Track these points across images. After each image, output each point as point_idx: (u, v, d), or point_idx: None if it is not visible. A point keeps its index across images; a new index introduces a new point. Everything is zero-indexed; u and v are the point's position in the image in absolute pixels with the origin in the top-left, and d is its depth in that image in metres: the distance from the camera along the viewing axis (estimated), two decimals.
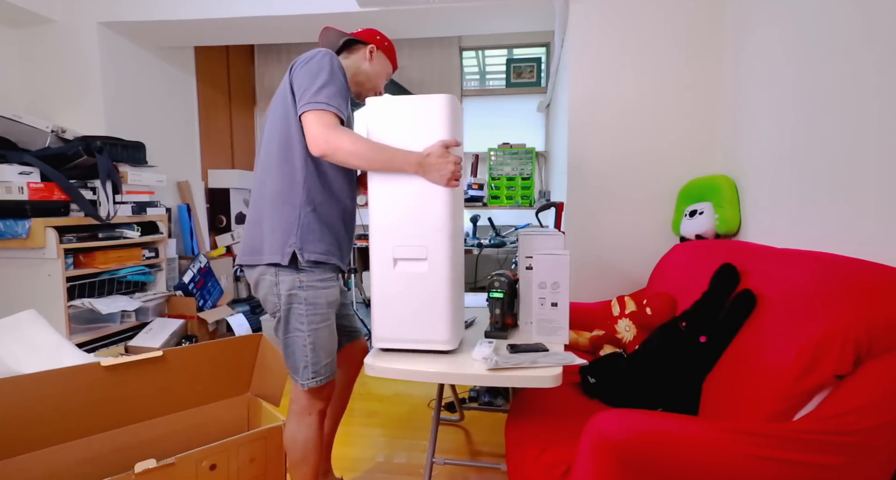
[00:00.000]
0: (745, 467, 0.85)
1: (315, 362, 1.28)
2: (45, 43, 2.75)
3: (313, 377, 1.28)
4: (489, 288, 1.43)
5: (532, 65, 3.63)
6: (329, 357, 1.31)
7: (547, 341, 1.35)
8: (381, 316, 1.28)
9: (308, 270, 1.25)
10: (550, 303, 1.37)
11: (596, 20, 2.16)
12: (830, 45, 1.34)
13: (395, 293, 1.27)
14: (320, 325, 1.27)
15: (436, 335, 1.26)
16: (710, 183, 1.96)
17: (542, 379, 1.14)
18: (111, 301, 2.42)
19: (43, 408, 1.20)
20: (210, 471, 1.30)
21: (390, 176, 1.24)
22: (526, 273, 1.49)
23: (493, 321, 1.45)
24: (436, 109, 1.21)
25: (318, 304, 1.26)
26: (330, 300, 1.29)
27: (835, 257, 1.15)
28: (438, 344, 1.26)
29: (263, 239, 1.27)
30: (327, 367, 1.30)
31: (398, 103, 1.25)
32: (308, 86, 1.20)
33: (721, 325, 1.26)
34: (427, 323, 1.26)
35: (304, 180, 1.25)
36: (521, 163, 3.28)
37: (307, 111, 1.19)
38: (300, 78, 1.22)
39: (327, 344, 1.30)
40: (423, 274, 1.25)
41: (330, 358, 1.31)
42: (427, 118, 1.21)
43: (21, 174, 2.11)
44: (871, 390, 0.86)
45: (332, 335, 1.31)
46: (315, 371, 1.28)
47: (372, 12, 2.62)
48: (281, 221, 1.25)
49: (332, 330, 1.31)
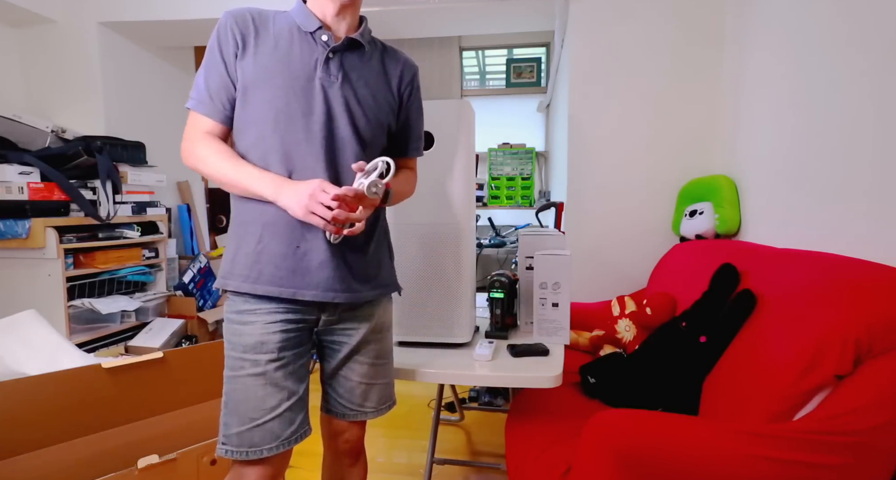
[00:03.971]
0: (746, 467, 0.85)
1: (225, 422, 0.94)
2: (45, 43, 2.75)
3: (222, 443, 0.94)
4: (489, 288, 1.42)
5: (532, 65, 3.62)
6: (242, 425, 0.92)
7: (548, 341, 1.35)
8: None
9: (231, 295, 0.99)
10: (551, 303, 1.37)
11: (596, 20, 2.16)
12: (830, 45, 1.34)
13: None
14: (233, 374, 0.94)
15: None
16: (710, 183, 1.96)
17: (542, 380, 1.14)
18: (111, 301, 2.42)
19: (44, 409, 1.20)
20: (211, 466, 1.33)
21: None
22: (526, 273, 1.49)
23: (493, 321, 1.44)
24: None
25: (234, 344, 0.95)
26: (248, 343, 0.94)
27: (835, 257, 1.15)
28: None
29: None
30: (241, 439, 0.92)
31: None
32: None
33: (721, 325, 1.26)
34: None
35: None
36: (521, 163, 3.28)
37: None
38: None
39: (242, 404, 0.93)
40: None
41: (243, 427, 0.92)
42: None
43: (21, 174, 2.11)
44: (871, 390, 0.86)
45: (249, 393, 0.93)
46: (225, 435, 0.94)
47: (372, 12, 2.62)
48: None
49: (251, 387, 0.93)
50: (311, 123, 0.95)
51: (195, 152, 0.96)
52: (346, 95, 0.98)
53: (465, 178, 1.29)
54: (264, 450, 0.93)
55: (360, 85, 1.00)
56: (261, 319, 0.95)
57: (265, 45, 0.96)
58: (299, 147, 0.95)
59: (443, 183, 1.26)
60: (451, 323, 1.30)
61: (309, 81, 0.96)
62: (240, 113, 0.97)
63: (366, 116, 1.00)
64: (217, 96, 0.96)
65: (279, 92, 0.94)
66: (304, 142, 0.95)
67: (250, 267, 0.95)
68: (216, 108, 0.97)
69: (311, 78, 0.96)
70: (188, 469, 1.27)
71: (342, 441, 1.10)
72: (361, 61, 1.02)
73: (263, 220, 0.95)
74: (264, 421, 0.93)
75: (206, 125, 0.97)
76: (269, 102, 0.94)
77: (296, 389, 0.97)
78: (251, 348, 0.94)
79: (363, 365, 1.06)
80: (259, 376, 0.93)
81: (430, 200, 1.28)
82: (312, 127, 0.95)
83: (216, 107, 0.97)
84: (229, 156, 0.95)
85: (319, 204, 0.87)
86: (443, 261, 1.28)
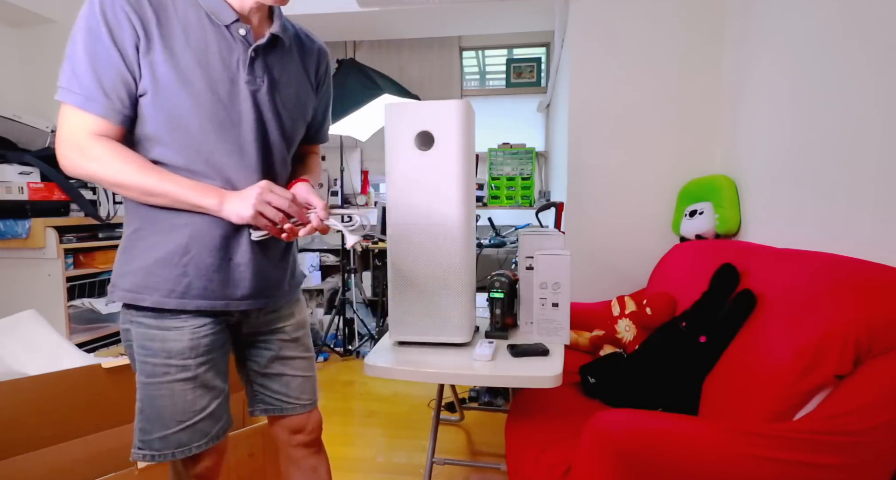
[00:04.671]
0: (745, 467, 0.85)
1: (142, 428, 0.90)
2: (45, 43, 2.75)
3: (139, 449, 0.90)
4: (489, 289, 1.42)
5: (532, 65, 3.62)
6: (166, 429, 0.89)
7: (548, 341, 1.35)
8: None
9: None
10: (551, 304, 1.37)
11: (596, 20, 2.16)
12: (830, 44, 1.34)
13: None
14: (153, 380, 0.89)
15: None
16: (710, 183, 1.96)
17: (542, 380, 1.14)
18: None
19: (44, 409, 1.20)
20: None
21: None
22: (526, 273, 1.48)
23: (493, 321, 1.45)
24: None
25: (152, 350, 0.88)
26: (175, 348, 0.88)
27: (835, 257, 1.15)
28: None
29: None
30: (165, 442, 0.89)
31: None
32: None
33: (721, 325, 1.26)
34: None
35: None
36: (521, 163, 3.28)
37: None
38: None
39: (167, 409, 0.89)
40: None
41: (168, 431, 0.89)
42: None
43: (21, 174, 2.11)
44: (871, 390, 0.86)
45: (177, 397, 0.89)
46: (143, 440, 0.90)
47: (372, 12, 2.62)
48: None
49: (179, 391, 0.89)
50: (243, 133, 0.88)
51: (90, 159, 0.79)
52: (275, 99, 0.91)
53: (466, 178, 1.28)
54: (193, 448, 0.91)
55: (284, 84, 0.93)
56: (188, 324, 0.89)
57: (174, 39, 0.82)
58: (231, 159, 0.87)
59: (443, 183, 1.26)
60: (451, 322, 1.30)
61: (234, 85, 0.86)
62: (148, 119, 0.83)
63: (292, 118, 0.96)
64: (114, 92, 0.80)
65: (202, 98, 0.83)
66: (236, 153, 0.88)
67: (175, 281, 0.86)
68: (113, 107, 0.80)
69: (234, 81, 0.86)
70: None
71: (307, 433, 1.08)
72: (282, 58, 0.93)
73: (190, 231, 0.86)
74: (195, 422, 0.90)
75: (97, 126, 0.80)
76: (191, 109, 0.83)
77: (224, 386, 0.96)
78: (178, 353, 0.88)
79: (296, 359, 1.05)
80: (189, 380, 0.89)
81: (430, 200, 1.27)
82: (244, 137, 0.88)
83: (113, 105, 0.80)
84: (146, 165, 0.82)
85: (268, 204, 0.84)
86: (443, 261, 1.28)
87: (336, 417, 2.21)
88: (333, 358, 3.00)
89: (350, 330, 3.11)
